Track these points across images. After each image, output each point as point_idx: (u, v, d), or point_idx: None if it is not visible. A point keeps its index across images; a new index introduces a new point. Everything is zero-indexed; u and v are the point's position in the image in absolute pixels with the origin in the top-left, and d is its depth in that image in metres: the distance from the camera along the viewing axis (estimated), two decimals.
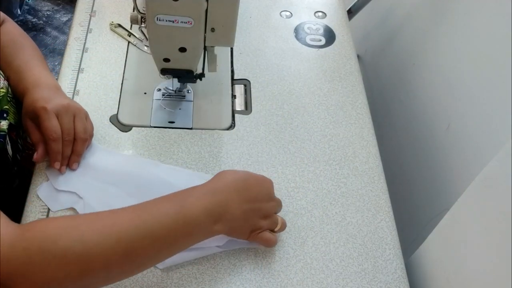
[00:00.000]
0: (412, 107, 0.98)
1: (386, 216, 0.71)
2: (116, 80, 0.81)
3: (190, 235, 0.57)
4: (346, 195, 0.72)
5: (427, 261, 0.67)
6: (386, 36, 1.12)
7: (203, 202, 0.57)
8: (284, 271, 0.64)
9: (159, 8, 0.62)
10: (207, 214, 0.57)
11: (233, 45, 0.70)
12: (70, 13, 2.07)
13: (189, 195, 0.58)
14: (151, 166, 0.71)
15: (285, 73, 0.86)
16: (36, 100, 0.67)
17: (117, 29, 0.88)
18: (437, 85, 0.89)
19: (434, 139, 0.88)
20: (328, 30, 0.94)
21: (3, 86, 0.69)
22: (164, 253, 0.56)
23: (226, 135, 0.77)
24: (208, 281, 0.62)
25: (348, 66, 0.88)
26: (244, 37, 0.91)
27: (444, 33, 0.88)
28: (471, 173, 0.75)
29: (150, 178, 0.69)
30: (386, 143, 1.02)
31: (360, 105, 0.83)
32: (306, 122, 0.80)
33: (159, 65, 0.72)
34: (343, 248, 0.67)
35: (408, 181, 0.97)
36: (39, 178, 0.69)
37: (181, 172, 0.71)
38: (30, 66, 0.72)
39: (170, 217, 0.55)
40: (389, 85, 1.09)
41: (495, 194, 0.53)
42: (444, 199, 0.83)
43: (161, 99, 0.79)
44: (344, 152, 0.77)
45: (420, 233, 0.87)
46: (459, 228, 0.60)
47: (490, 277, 0.53)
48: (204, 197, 0.58)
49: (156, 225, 0.54)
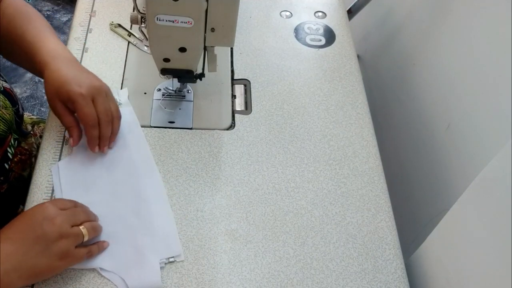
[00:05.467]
0: (412, 107, 0.98)
1: (386, 216, 0.71)
2: (116, 80, 0.81)
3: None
4: (346, 195, 0.72)
5: (427, 261, 0.67)
6: (386, 36, 1.12)
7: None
8: (284, 271, 0.64)
9: (159, 8, 0.62)
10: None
11: (233, 45, 0.70)
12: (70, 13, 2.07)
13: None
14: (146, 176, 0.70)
15: (285, 73, 0.86)
16: (66, 82, 0.65)
17: (117, 29, 0.88)
18: (437, 85, 0.89)
19: (434, 139, 0.88)
20: (328, 30, 0.94)
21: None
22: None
23: (226, 135, 0.77)
24: (208, 281, 0.62)
25: (348, 66, 0.88)
26: (244, 37, 0.91)
27: (444, 33, 0.88)
28: (471, 173, 0.75)
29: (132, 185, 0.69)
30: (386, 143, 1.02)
31: (360, 105, 0.83)
32: (306, 122, 0.80)
33: (159, 65, 0.72)
34: (343, 248, 0.67)
35: (408, 181, 0.97)
36: (39, 178, 0.69)
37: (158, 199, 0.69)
38: (42, 37, 0.70)
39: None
40: (389, 85, 1.09)
41: (495, 194, 0.53)
42: (444, 199, 0.83)
43: (161, 99, 0.79)
44: (344, 152, 0.77)
45: (420, 233, 0.87)
46: (459, 228, 0.60)
47: (490, 277, 0.53)
48: None
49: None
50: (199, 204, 0.69)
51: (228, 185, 0.71)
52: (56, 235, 0.56)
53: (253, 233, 0.67)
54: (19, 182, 0.76)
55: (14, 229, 0.57)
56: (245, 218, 0.68)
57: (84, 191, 0.67)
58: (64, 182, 0.68)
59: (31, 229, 0.56)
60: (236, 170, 0.73)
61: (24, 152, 0.79)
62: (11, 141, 0.73)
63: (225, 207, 0.69)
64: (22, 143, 0.79)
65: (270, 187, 0.72)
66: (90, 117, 0.65)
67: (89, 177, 0.69)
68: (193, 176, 0.72)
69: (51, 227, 0.56)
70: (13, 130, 0.74)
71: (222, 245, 0.66)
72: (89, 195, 0.67)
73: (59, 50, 0.69)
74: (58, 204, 0.60)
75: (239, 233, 0.67)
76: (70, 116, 0.68)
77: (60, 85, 0.65)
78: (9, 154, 0.73)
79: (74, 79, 0.66)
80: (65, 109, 0.67)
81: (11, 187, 0.75)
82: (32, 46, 0.69)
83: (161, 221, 0.66)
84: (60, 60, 0.68)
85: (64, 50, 0.71)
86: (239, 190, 0.71)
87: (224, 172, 0.73)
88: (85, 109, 0.65)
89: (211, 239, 0.66)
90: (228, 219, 0.68)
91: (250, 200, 0.70)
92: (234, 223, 0.68)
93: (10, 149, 0.73)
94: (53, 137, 0.73)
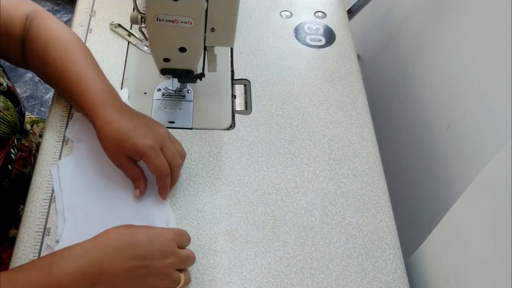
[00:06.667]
0: (412, 107, 0.98)
1: (386, 216, 0.71)
2: (116, 80, 0.81)
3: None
4: (346, 195, 0.72)
5: (427, 261, 0.67)
6: (386, 36, 1.12)
7: (74, 264, 0.51)
8: (284, 271, 0.64)
9: (159, 8, 0.62)
10: (80, 278, 0.51)
11: (233, 45, 0.70)
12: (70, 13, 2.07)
13: (60, 258, 0.52)
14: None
15: (285, 73, 0.86)
16: (128, 134, 0.61)
17: (117, 29, 0.88)
18: (437, 85, 0.89)
19: (434, 139, 0.88)
20: (328, 30, 0.94)
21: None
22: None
23: (226, 135, 0.77)
24: (208, 281, 0.62)
25: (348, 66, 0.88)
26: (244, 37, 0.91)
27: (444, 33, 0.88)
28: (471, 173, 0.75)
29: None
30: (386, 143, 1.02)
31: (360, 105, 0.83)
32: (306, 122, 0.80)
33: (159, 65, 0.72)
34: (343, 248, 0.67)
35: (408, 181, 0.97)
36: (39, 178, 0.69)
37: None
38: (88, 76, 0.66)
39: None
40: (389, 85, 1.09)
41: (495, 194, 0.53)
42: (444, 199, 0.83)
43: (161, 99, 0.79)
44: (344, 152, 0.77)
45: (420, 233, 0.87)
46: (459, 228, 0.60)
47: (490, 277, 0.53)
48: (75, 259, 0.52)
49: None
50: (199, 204, 0.69)
51: (228, 185, 0.71)
52: (161, 272, 0.55)
53: (253, 233, 0.67)
54: (20, 179, 0.76)
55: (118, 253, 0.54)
56: (245, 218, 0.68)
57: (84, 191, 0.67)
58: (64, 182, 0.68)
59: (141, 250, 0.54)
60: (236, 170, 0.73)
61: (24, 149, 0.78)
62: (14, 141, 0.73)
63: (225, 207, 0.69)
64: (22, 140, 0.78)
65: (270, 187, 0.72)
66: (163, 168, 0.62)
67: (89, 177, 0.69)
68: (193, 176, 0.72)
69: (159, 262, 0.54)
70: (16, 131, 0.74)
71: (222, 245, 0.66)
72: (89, 195, 0.67)
73: (108, 94, 0.65)
74: (179, 239, 0.58)
75: (239, 233, 0.67)
76: (136, 168, 0.65)
77: (123, 139, 0.62)
78: (12, 155, 0.73)
79: (136, 131, 0.62)
80: (130, 162, 0.64)
81: (12, 184, 0.74)
82: (76, 88, 0.66)
83: (161, 221, 0.66)
84: (111, 107, 0.64)
85: (111, 92, 0.66)
86: (239, 190, 0.71)
87: (224, 172, 0.73)
88: (157, 161, 0.62)
89: (211, 239, 0.66)
90: (228, 219, 0.68)
91: (250, 200, 0.70)
92: (234, 223, 0.68)
93: (14, 149, 0.73)
94: (53, 137, 0.73)
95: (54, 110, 0.76)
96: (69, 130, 0.73)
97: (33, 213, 0.65)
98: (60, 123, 0.74)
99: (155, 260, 0.54)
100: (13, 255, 0.62)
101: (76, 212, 0.65)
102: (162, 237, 0.56)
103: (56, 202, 0.66)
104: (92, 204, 0.66)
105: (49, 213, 0.65)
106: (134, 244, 0.54)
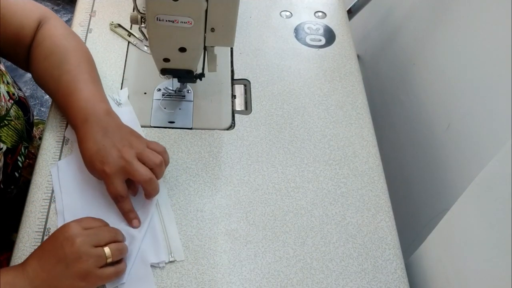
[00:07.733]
0: (412, 107, 0.98)
1: (386, 216, 0.71)
2: (116, 80, 0.81)
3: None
4: (346, 195, 0.72)
5: (427, 261, 0.67)
6: (386, 36, 1.12)
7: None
8: (284, 271, 0.64)
9: (159, 8, 0.62)
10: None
11: (233, 45, 0.70)
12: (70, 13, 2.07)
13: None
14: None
15: (285, 73, 0.86)
16: (92, 157, 0.62)
17: (117, 29, 0.88)
18: (437, 85, 0.89)
19: (434, 139, 0.88)
20: (328, 30, 0.94)
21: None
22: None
23: (226, 135, 0.77)
24: (208, 281, 0.62)
25: (348, 66, 0.88)
26: (244, 37, 0.91)
27: (444, 33, 0.88)
28: (471, 173, 0.75)
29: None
30: (386, 143, 1.02)
31: (360, 105, 0.83)
32: (306, 122, 0.80)
33: (159, 65, 0.72)
34: (343, 248, 0.67)
35: (408, 181, 0.97)
36: (39, 178, 0.69)
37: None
38: (76, 87, 0.66)
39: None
40: (389, 85, 1.09)
41: (495, 194, 0.53)
42: (444, 199, 0.83)
43: (161, 99, 0.79)
44: (344, 152, 0.77)
45: (420, 233, 0.87)
46: (459, 228, 0.60)
47: (490, 277, 0.53)
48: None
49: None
50: (199, 204, 0.69)
51: (228, 185, 0.71)
52: (75, 255, 0.55)
53: (253, 233, 0.67)
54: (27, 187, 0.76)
55: (42, 248, 0.57)
56: (245, 218, 0.68)
57: (84, 191, 0.67)
58: (64, 182, 0.68)
59: (53, 249, 0.56)
60: (236, 170, 0.73)
61: (31, 156, 0.79)
62: (21, 149, 0.73)
63: (225, 207, 0.69)
64: (29, 147, 0.79)
65: (270, 187, 0.72)
66: (117, 194, 0.63)
67: (89, 177, 0.68)
68: (193, 176, 0.72)
69: (70, 248, 0.55)
70: (23, 139, 0.74)
71: (222, 245, 0.66)
72: (89, 195, 0.67)
73: (90, 108, 0.65)
74: (83, 223, 0.59)
75: (239, 233, 0.67)
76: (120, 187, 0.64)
77: (88, 160, 0.63)
78: (19, 163, 0.73)
79: (97, 155, 0.62)
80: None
81: (20, 191, 0.75)
82: (65, 99, 0.66)
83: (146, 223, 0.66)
84: (88, 124, 0.64)
85: (95, 105, 0.66)
86: (239, 190, 0.71)
87: (224, 172, 0.73)
88: (110, 188, 0.63)
89: (211, 239, 0.66)
90: (228, 219, 0.68)
91: (250, 200, 0.70)
92: (234, 223, 0.68)
93: (21, 157, 0.73)
94: (53, 137, 0.73)
95: (54, 110, 0.76)
96: (69, 130, 0.73)
97: (33, 213, 0.65)
98: (60, 123, 0.74)
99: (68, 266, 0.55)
100: (13, 255, 0.62)
101: (76, 212, 0.65)
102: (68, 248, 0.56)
103: (56, 202, 0.66)
104: (91, 204, 0.66)
105: (49, 213, 0.65)
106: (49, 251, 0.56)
